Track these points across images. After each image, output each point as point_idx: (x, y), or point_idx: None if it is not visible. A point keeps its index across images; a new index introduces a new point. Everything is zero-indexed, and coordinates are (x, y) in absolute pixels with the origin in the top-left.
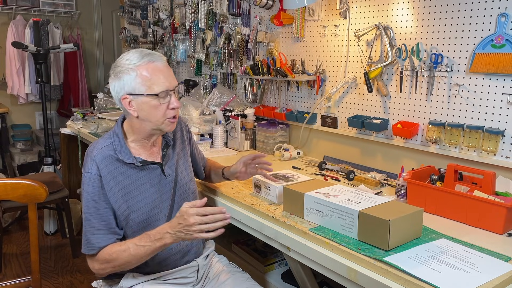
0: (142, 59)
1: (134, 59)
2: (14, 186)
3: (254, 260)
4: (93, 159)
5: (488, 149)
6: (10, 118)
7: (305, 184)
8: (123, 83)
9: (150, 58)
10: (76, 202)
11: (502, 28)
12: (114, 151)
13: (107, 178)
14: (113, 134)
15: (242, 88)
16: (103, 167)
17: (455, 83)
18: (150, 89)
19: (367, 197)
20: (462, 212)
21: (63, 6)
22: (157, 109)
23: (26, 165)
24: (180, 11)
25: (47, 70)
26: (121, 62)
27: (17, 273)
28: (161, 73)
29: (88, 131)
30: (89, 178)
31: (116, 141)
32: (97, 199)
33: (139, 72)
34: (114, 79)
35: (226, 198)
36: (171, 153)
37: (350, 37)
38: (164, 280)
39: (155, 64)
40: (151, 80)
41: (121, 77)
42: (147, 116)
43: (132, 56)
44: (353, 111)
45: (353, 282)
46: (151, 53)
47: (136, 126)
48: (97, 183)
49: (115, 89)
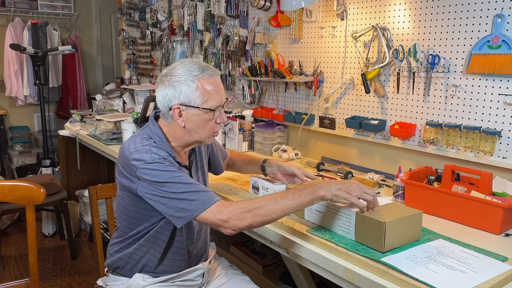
0: (204, 72)
1: (194, 71)
2: (12, 188)
3: (252, 261)
4: (149, 150)
5: (485, 150)
6: (9, 120)
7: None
8: (179, 92)
9: (209, 72)
10: (74, 204)
11: (499, 29)
12: (162, 148)
13: (172, 162)
14: (153, 135)
15: (240, 90)
16: (163, 155)
17: (452, 84)
18: (206, 103)
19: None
20: (459, 212)
21: (61, 8)
22: (208, 123)
23: (25, 167)
24: (178, 13)
25: (45, 72)
26: (178, 71)
27: (16, 275)
28: (218, 88)
29: (86, 133)
30: (157, 162)
31: (159, 141)
32: (180, 171)
33: (199, 84)
34: (167, 87)
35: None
36: (196, 161)
37: (347, 38)
38: (172, 282)
39: (215, 78)
40: (210, 94)
41: (178, 86)
42: (194, 128)
43: (190, 66)
44: (351, 112)
45: (350, 282)
46: (209, 66)
47: (178, 135)
48: (168, 163)
49: (167, 97)
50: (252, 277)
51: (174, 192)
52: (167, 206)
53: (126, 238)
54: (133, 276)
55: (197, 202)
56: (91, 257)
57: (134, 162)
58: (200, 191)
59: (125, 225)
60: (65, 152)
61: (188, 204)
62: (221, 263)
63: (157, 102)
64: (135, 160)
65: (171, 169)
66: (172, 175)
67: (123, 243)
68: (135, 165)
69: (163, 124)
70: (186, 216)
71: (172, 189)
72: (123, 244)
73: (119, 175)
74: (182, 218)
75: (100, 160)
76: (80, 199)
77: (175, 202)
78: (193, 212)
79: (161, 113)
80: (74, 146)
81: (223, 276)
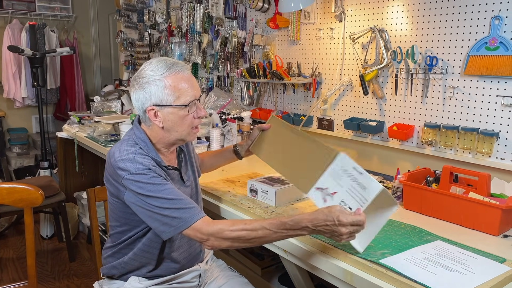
0: (169, 69)
1: (161, 69)
2: (9, 191)
3: (251, 263)
4: (133, 159)
5: (483, 151)
6: (7, 122)
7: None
8: (149, 94)
9: (177, 68)
10: (72, 206)
11: (496, 30)
12: (147, 154)
13: (157, 171)
14: (138, 140)
15: (238, 91)
16: (147, 163)
17: (450, 86)
18: (179, 99)
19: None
20: (457, 214)
21: (60, 10)
22: (184, 119)
23: (23, 169)
24: (176, 15)
25: (43, 74)
26: (146, 72)
27: (14, 278)
28: (188, 83)
29: (84, 135)
30: (141, 174)
31: (144, 146)
32: (165, 182)
33: (167, 82)
34: (138, 90)
35: (222, 201)
36: (185, 160)
37: (345, 40)
38: (168, 284)
39: (182, 74)
40: (180, 91)
41: (147, 88)
42: (172, 126)
43: (157, 66)
44: (349, 113)
45: (349, 284)
46: (176, 62)
47: (159, 136)
48: (153, 173)
49: (139, 100)
50: (250, 278)
51: (158, 206)
52: (152, 218)
53: (118, 243)
54: (129, 279)
55: (178, 220)
56: (89, 259)
57: (119, 172)
58: (183, 208)
59: (117, 231)
60: (63, 154)
61: (171, 220)
62: (220, 265)
63: (134, 107)
64: (120, 169)
65: (155, 181)
66: (156, 188)
67: (116, 248)
68: (120, 175)
69: (145, 128)
70: (170, 231)
71: (155, 203)
72: (115, 249)
73: (106, 182)
74: (166, 232)
75: (98, 162)
76: (78, 201)
77: (158, 216)
78: (176, 229)
79: (140, 117)
80: (72, 148)
81: (222, 278)
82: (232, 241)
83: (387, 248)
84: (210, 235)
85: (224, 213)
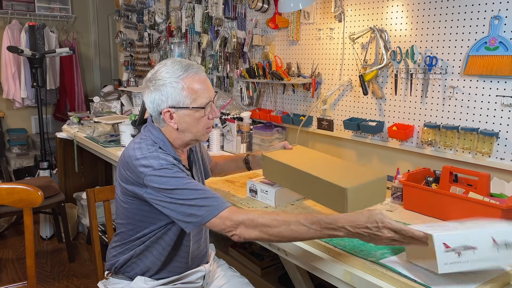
0: (186, 71)
1: (177, 71)
2: (9, 191)
3: (251, 263)
4: (156, 156)
5: (483, 151)
6: (6, 123)
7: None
8: (166, 96)
9: (193, 70)
10: (72, 206)
11: (496, 30)
12: (167, 152)
13: (180, 167)
14: (157, 140)
15: (238, 91)
16: (171, 160)
17: (450, 86)
18: (195, 101)
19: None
20: (457, 214)
21: (59, 10)
22: (200, 120)
23: (22, 169)
24: (176, 15)
25: (42, 74)
26: (161, 74)
27: (13, 278)
28: (204, 85)
29: (84, 135)
30: (165, 168)
31: (164, 146)
32: (189, 177)
33: (184, 84)
34: (153, 91)
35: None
36: (195, 159)
37: (345, 40)
38: (173, 284)
39: (199, 76)
40: (197, 93)
41: (164, 90)
42: (188, 127)
43: (173, 68)
44: (349, 113)
45: (349, 284)
46: (192, 64)
47: (173, 136)
48: (177, 169)
49: (155, 102)
50: (250, 279)
51: (184, 198)
52: (176, 211)
53: (130, 241)
54: (135, 279)
55: (207, 208)
56: (89, 260)
57: (142, 169)
58: (210, 197)
59: (130, 228)
60: (63, 154)
61: (197, 210)
62: (221, 265)
63: (147, 108)
64: (142, 166)
65: (180, 175)
66: (181, 182)
67: (127, 246)
68: (143, 172)
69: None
70: (196, 221)
71: (181, 195)
72: (127, 246)
73: (123, 182)
74: (192, 223)
75: (98, 162)
76: (78, 201)
77: (184, 208)
78: (203, 218)
79: (153, 118)
80: (71, 149)
81: (222, 278)
82: (261, 231)
83: (387, 248)
84: (240, 223)
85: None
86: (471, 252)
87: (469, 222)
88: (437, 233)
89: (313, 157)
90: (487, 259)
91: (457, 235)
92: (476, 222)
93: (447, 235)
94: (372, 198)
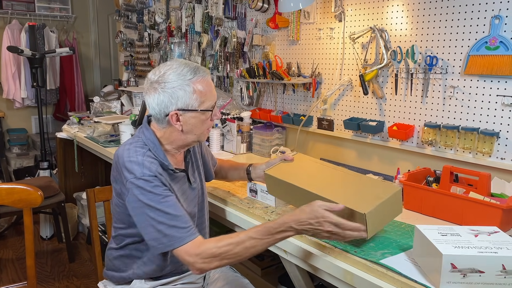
0: (195, 74)
1: (188, 75)
2: (9, 191)
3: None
4: (141, 163)
5: (483, 151)
6: (6, 123)
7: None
8: (176, 98)
9: (202, 73)
10: (72, 206)
11: (496, 30)
12: (155, 157)
13: (162, 179)
14: (147, 141)
15: (238, 91)
16: (155, 170)
17: (450, 85)
18: (203, 104)
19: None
20: (457, 214)
21: (59, 10)
22: (204, 122)
23: (22, 169)
24: (176, 15)
25: (43, 74)
26: (169, 77)
27: (13, 279)
28: (211, 87)
29: (84, 135)
30: (146, 180)
31: (153, 148)
32: (167, 193)
33: (195, 87)
34: (161, 94)
35: (222, 201)
36: (191, 161)
37: (345, 39)
38: (173, 285)
39: (207, 78)
40: (205, 96)
41: (174, 93)
42: (192, 129)
43: (182, 70)
44: (349, 113)
45: (349, 284)
46: (199, 66)
47: (173, 138)
48: (157, 182)
49: (162, 104)
50: (250, 279)
51: (153, 218)
52: (145, 229)
53: (127, 243)
54: (134, 280)
55: (170, 237)
56: (89, 260)
57: (126, 173)
58: (177, 226)
59: (122, 233)
60: (63, 154)
61: (162, 237)
62: None
63: (150, 110)
64: (126, 171)
65: (158, 191)
66: (156, 199)
67: (124, 248)
68: (126, 177)
69: (156, 128)
70: (159, 247)
71: (152, 214)
72: (124, 249)
73: (113, 182)
74: (156, 247)
75: (98, 162)
76: (78, 201)
77: (150, 229)
78: (164, 247)
79: (154, 118)
80: (71, 149)
81: (223, 279)
82: (221, 259)
83: (388, 248)
84: (197, 258)
85: (228, 215)
86: (477, 275)
87: (483, 234)
88: (447, 252)
89: (316, 170)
90: (492, 284)
91: (468, 257)
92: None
93: (457, 256)
94: (390, 213)
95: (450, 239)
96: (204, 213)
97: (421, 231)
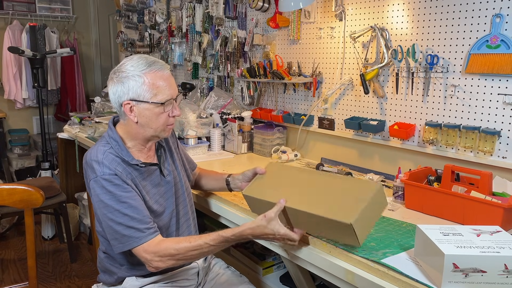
0: (149, 66)
1: (141, 66)
2: (10, 192)
3: (252, 263)
4: (101, 162)
5: (484, 150)
6: (7, 123)
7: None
8: (127, 88)
9: (157, 67)
10: (73, 206)
11: (497, 28)
12: (117, 154)
13: (123, 176)
14: (110, 139)
15: (239, 91)
16: (114, 168)
17: (451, 84)
18: (155, 97)
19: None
20: (459, 213)
21: (60, 11)
22: (159, 116)
23: (24, 170)
24: (176, 15)
25: (44, 75)
26: (126, 67)
27: (15, 279)
28: (166, 82)
29: (85, 136)
30: (106, 179)
31: (116, 145)
32: (126, 194)
33: (146, 79)
34: (116, 83)
35: (223, 201)
36: (165, 155)
37: (346, 39)
38: (166, 282)
39: (162, 72)
40: (158, 88)
41: (126, 82)
42: (147, 122)
43: (138, 62)
44: (350, 112)
45: (351, 284)
46: (157, 61)
47: (133, 131)
48: (118, 180)
49: (116, 94)
50: (251, 278)
51: (112, 219)
52: (106, 229)
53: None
54: (126, 278)
55: (127, 238)
56: (91, 260)
57: (89, 173)
58: (134, 227)
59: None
60: (64, 154)
61: (120, 236)
62: (217, 263)
63: (111, 100)
64: (90, 170)
65: (117, 190)
66: (115, 199)
67: (108, 251)
68: (89, 176)
69: (121, 124)
70: (119, 246)
71: (111, 215)
72: (108, 253)
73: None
74: (115, 246)
75: None
76: (79, 201)
77: (110, 230)
78: (123, 246)
79: (116, 111)
80: (73, 149)
81: (221, 277)
82: (177, 260)
83: (389, 247)
84: (154, 256)
85: (228, 215)
86: (479, 274)
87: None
88: (450, 251)
89: (292, 179)
90: (494, 284)
91: (470, 257)
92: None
93: (460, 256)
94: (377, 212)
95: (452, 238)
96: (186, 205)
97: (423, 231)
